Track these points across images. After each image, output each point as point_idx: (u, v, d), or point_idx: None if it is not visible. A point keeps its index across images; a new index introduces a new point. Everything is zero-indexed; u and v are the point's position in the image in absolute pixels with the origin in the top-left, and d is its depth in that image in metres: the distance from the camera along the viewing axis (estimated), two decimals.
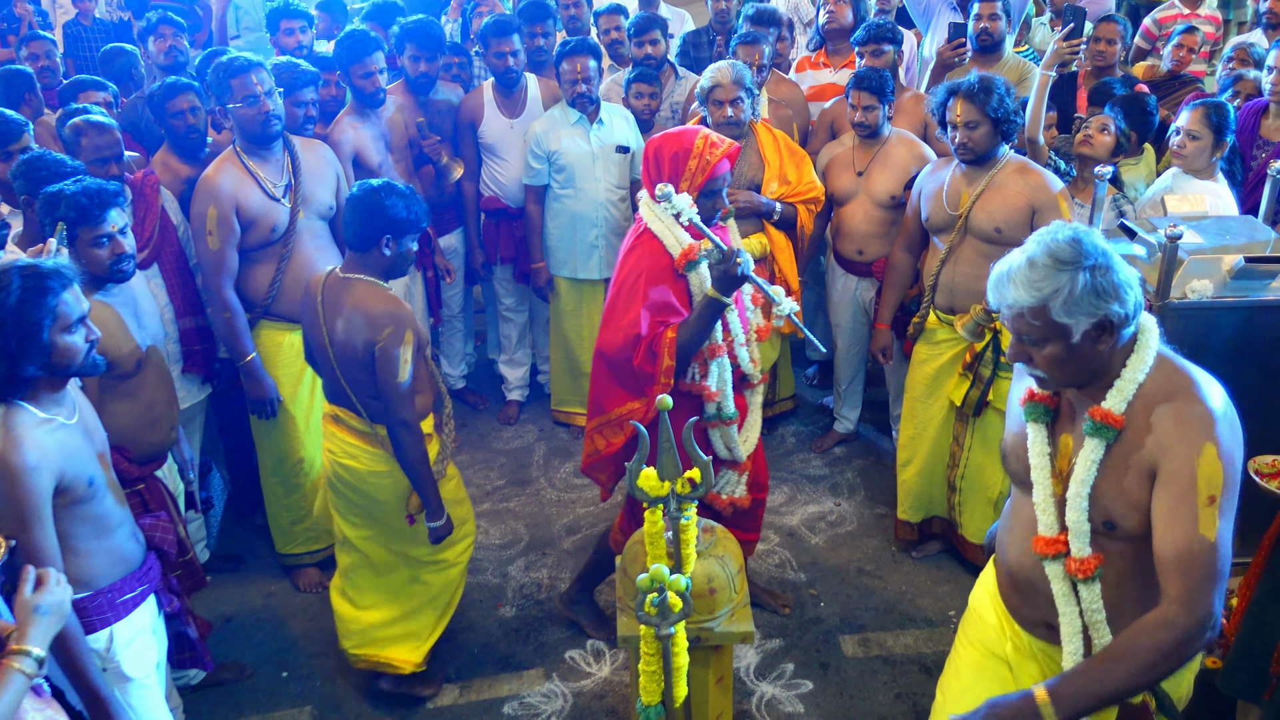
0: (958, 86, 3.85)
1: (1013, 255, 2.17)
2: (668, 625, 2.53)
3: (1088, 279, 2.07)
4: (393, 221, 3.24)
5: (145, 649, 2.91)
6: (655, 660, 2.66)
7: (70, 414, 2.69)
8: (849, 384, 5.19)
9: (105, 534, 2.78)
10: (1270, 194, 3.80)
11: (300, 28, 5.55)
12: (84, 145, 3.80)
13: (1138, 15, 9.74)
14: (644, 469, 2.81)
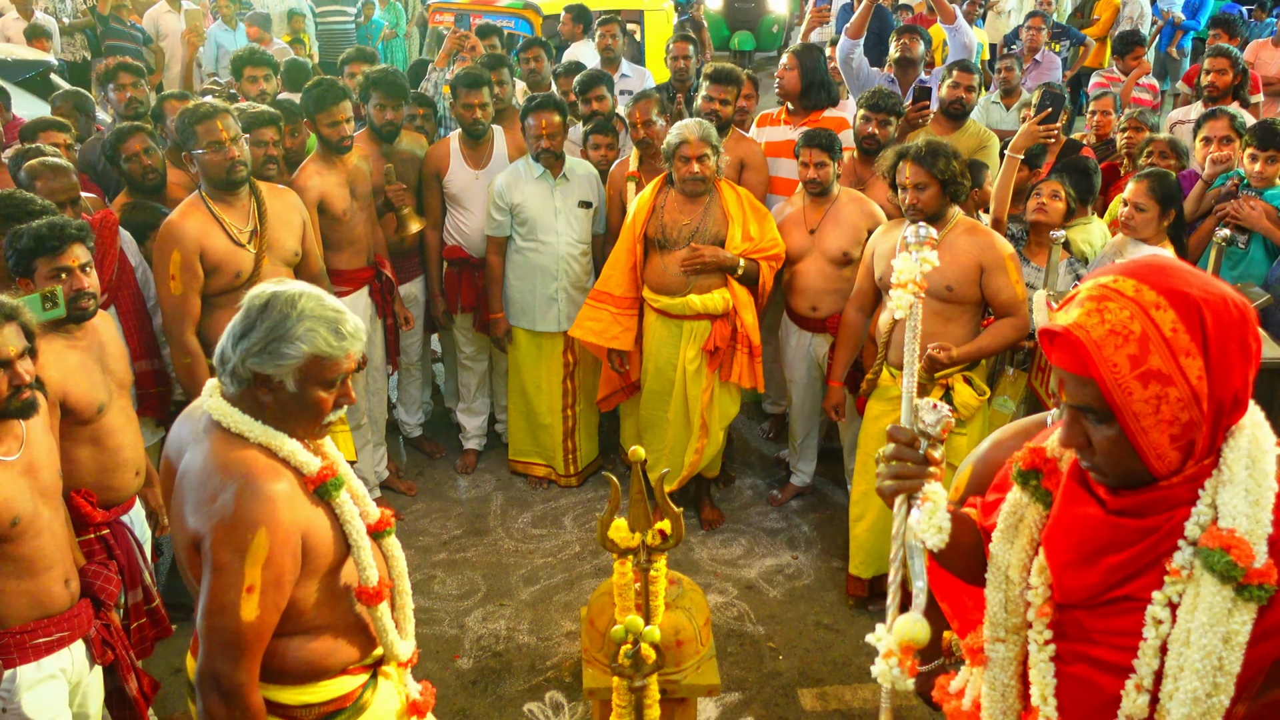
0: (906, 151, 3.97)
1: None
2: (641, 677, 2.54)
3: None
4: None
5: (52, 695, 2.82)
6: (628, 713, 2.67)
7: (12, 450, 2.65)
8: (804, 438, 5.25)
9: (28, 575, 2.70)
10: (1215, 259, 3.94)
11: (264, 75, 5.56)
12: (39, 188, 3.78)
13: (1088, 77, 10.12)
14: (615, 520, 2.83)
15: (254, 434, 2.18)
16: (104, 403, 3.17)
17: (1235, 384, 1.58)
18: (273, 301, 2.15)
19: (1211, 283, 1.62)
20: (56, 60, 8.58)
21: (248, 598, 2.08)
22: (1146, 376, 1.54)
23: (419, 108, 5.59)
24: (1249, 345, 1.59)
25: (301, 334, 2.13)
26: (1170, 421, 1.56)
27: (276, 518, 2.10)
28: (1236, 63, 5.94)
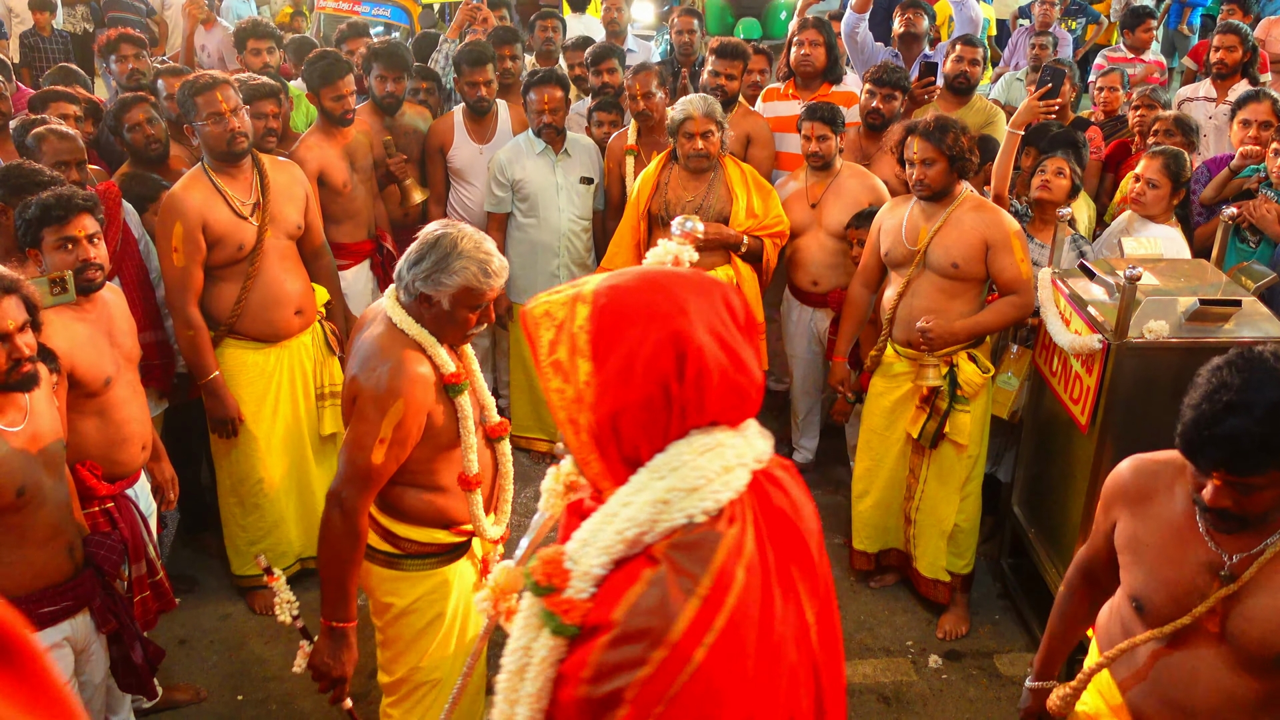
0: (915, 126, 3.95)
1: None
2: None
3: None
4: None
5: (57, 664, 2.83)
6: None
7: (16, 421, 2.66)
8: (806, 414, 5.25)
9: (32, 545, 2.73)
10: (1221, 239, 3.92)
11: (268, 49, 5.54)
12: (45, 151, 3.78)
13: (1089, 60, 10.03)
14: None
15: (412, 333, 2.75)
16: (111, 375, 3.18)
17: (615, 409, 1.42)
18: (441, 239, 2.67)
19: (680, 305, 1.44)
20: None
21: (379, 446, 2.69)
22: (556, 366, 1.46)
23: (423, 81, 5.56)
24: (669, 388, 1.41)
25: (458, 269, 2.64)
26: (570, 420, 1.47)
27: (413, 395, 2.68)
28: (1246, 39, 5.89)
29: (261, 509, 4.24)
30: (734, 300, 1.50)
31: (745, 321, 1.50)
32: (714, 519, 1.40)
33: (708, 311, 1.44)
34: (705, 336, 1.41)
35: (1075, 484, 3.76)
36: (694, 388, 1.41)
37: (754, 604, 1.37)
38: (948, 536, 4.21)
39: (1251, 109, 4.74)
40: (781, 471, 1.58)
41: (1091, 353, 3.55)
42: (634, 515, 1.39)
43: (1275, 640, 2.08)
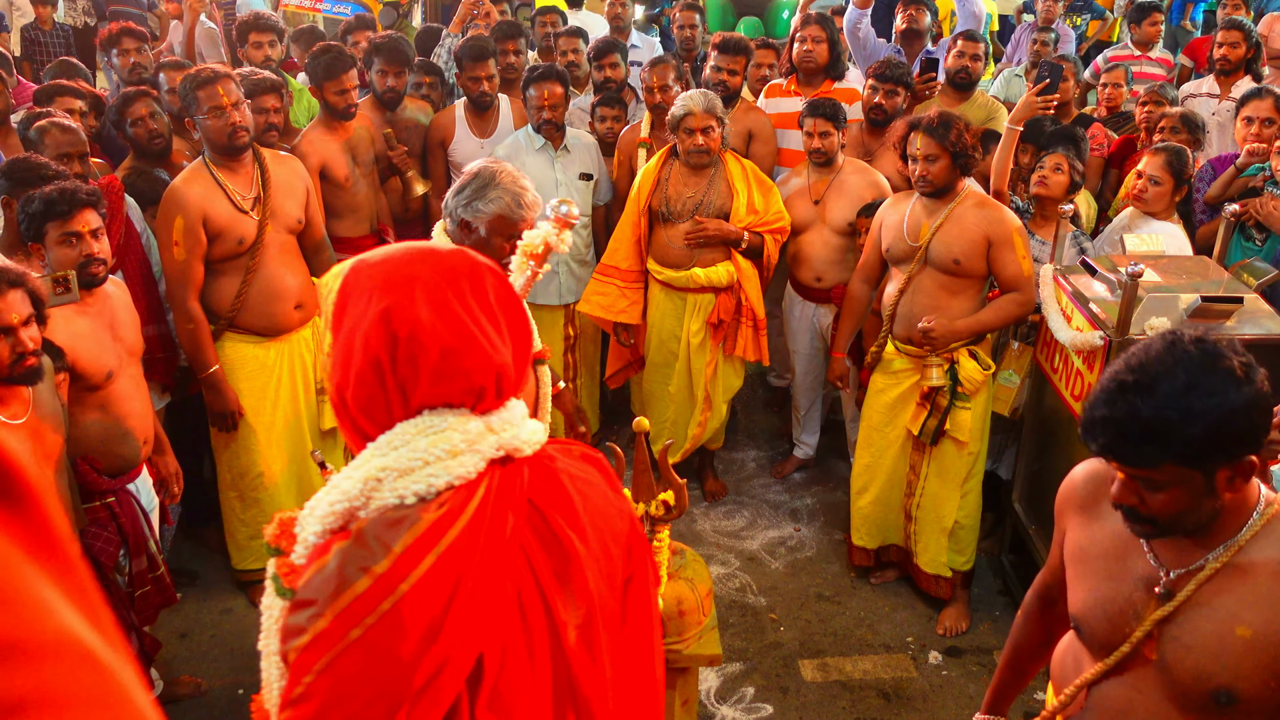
0: (918, 121, 3.94)
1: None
2: None
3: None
4: None
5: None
6: None
7: (19, 414, 2.66)
8: (808, 410, 5.25)
9: None
10: (1224, 235, 3.92)
11: (269, 41, 5.53)
12: (47, 143, 3.78)
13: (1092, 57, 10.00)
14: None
15: None
16: (113, 369, 3.18)
17: (341, 384, 1.43)
18: (482, 171, 2.94)
19: (407, 282, 1.41)
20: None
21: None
22: (321, 337, 1.49)
23: (426, 76, 5.55)
24: (381, 365, 1.39)
25: (494, 198, 2.90)
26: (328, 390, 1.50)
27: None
28: (1250, 35, 5.88)
29: (261, 503, 4.24)
30: (491, 281, 1.45)
31: (502, 304, 1.46)
32: (426, 502, 1.38)
33: (445, 290, 1.40)
34: (428, 315, 1.38)
35: None
36: (409, 366, 1.39)
37: (439, 592, 1.34)
38: (948, 533, 4.21)
39: (1254, 106, 4.73)
40: (572, 462, 1.56)
41: (1093, 349, 3.55)
42: (348, 490, 1.39)
43: (1212, 672, 1.79)
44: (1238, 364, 1.69)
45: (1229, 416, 1.67)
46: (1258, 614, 1.75)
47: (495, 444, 1.44)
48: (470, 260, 1.46)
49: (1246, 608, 1.76)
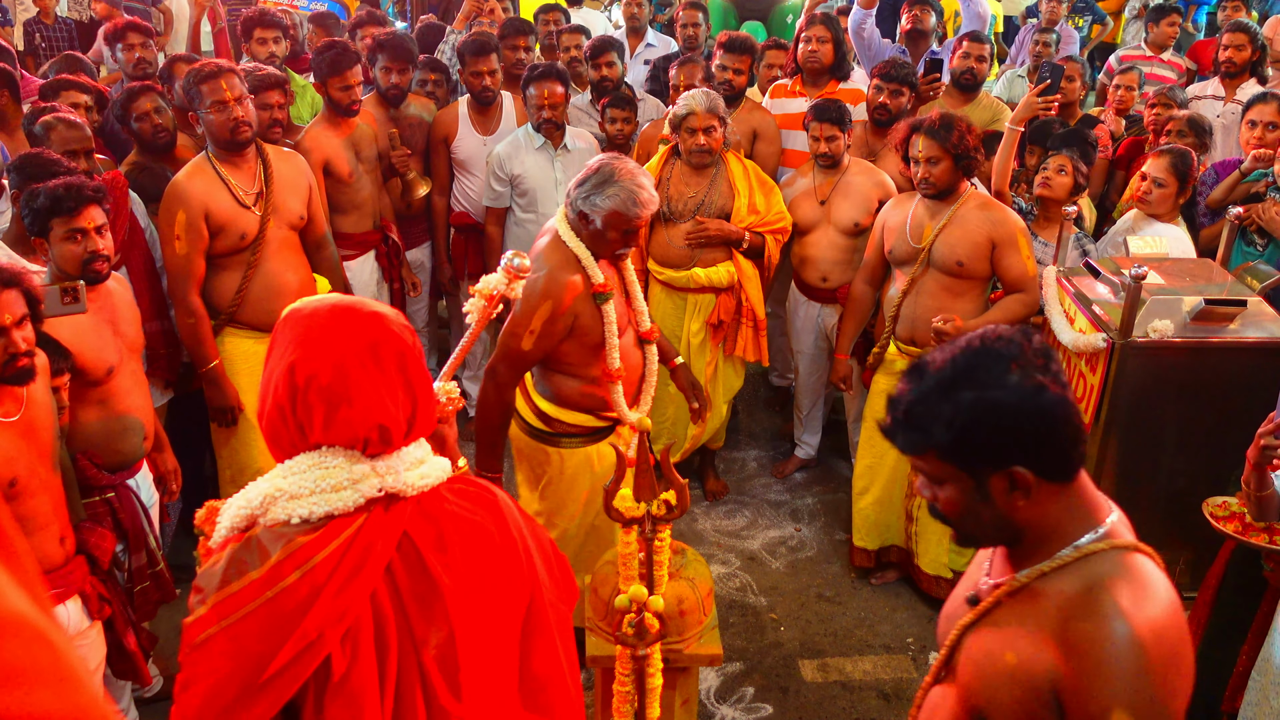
0: (920, 123, 3.94)
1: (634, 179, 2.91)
2: (644, 646, 2.54)
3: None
4: None
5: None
6: (630, 681, 2.68)
7: (11, 411, 2.66)
8: (810, 410, 5.24)
9: (24, 535, 2.70)
10: (1227, 239, 3.91)
11: (274, 38, 5.53)
12: (53, 139, 3.78)
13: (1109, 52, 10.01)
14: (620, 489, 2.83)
15: (571, 245, 3.31)
16: (114, 365, 3.17)
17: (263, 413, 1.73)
18: (603, 168, 3.22)
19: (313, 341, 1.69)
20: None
21: (528, 336, 3.28)
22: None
23: (431, 73, 5.55)
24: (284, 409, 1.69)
25: (611, 194, 3.18)
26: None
27: (561, 298, 3.26)
28: (1255, 38, 5.87)
29: None
30: (396, 348, 1.69)
31: (404, 367, 1.69)
32: (308, 524, 1.64)
33: (347, 353, 1.66)
34: (326, 373, 1.65)
35: None
36: (305, 412, 1.66)
37: (298, 602, 1.59)
38: (949, 535, 4.20)
39: (1259, 110, 4.73)
40: (464, 504, 1.78)
41: (1096, 351, 3.55)
42: (250, 499, 1.65)
43: (975, 690, 1.70)
44: (1027, 368, 1.57)
45: (985, 415, 1.57)
46: (1027, 645, 1.63)
47: (377, 485, 1.68)
48: (382, 328, 1.69)
49: (1021, 636, 1.65)
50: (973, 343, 1.62)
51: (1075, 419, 1.59)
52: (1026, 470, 1.57)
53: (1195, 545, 3.68)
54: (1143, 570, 1.62)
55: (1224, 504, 2.99)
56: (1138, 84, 5.91)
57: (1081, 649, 1.53)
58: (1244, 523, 2.87)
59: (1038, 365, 1.58)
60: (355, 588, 1.62)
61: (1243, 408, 2.88)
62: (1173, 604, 1.57)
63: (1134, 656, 1.50)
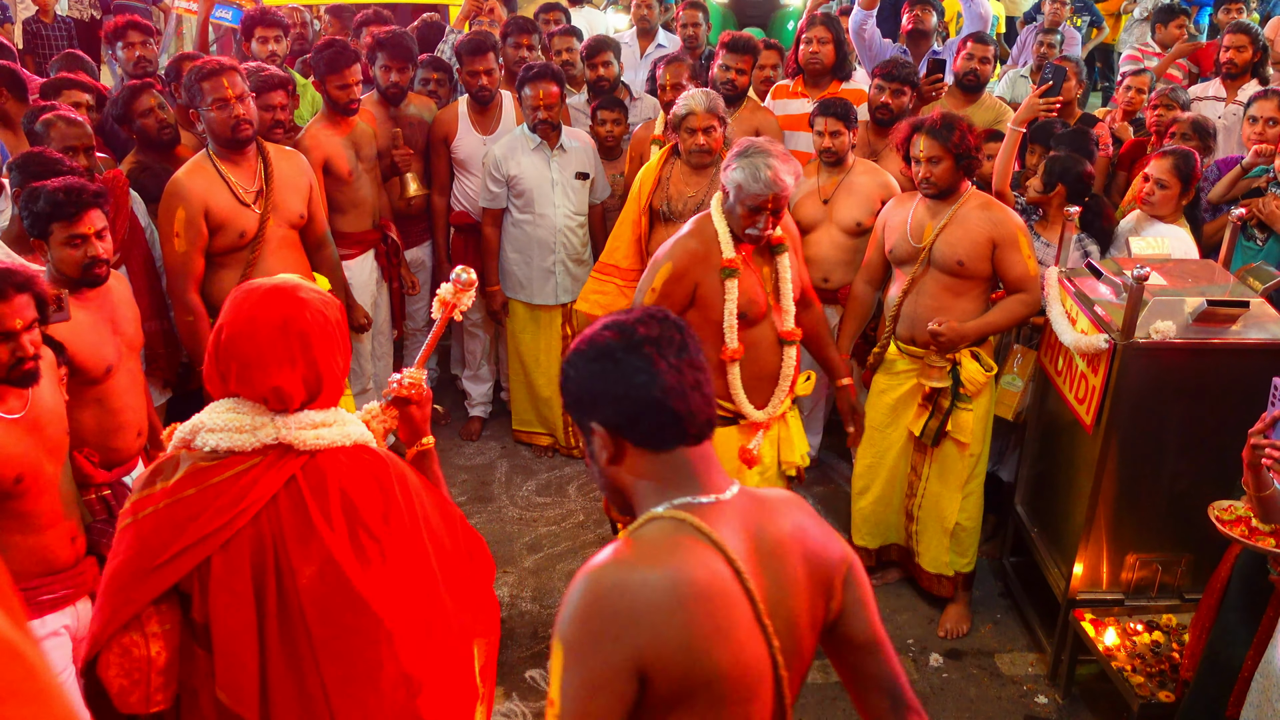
0: (920, 123, 3.93)
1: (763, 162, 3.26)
2: None
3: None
4: None
5: (56, 651, 2.83)
6: None
7: (16, 409, 2.66)
8: (811, 410, 5.23)
9: (32, 532, 2.73)
10: (1229, 239, 3.90)
11: (275, 37, 5.52)
12: (53, 136, 3.77)
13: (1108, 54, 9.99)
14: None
15: (715, 217, 3.49)
16: (112, 364, 3.16)
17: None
18: (743, 143, 3.37)
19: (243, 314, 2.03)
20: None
21: (650, 294, 3.48)
22: None
23: (434, 72, 5.54)
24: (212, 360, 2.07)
25: (739, 166, 3.32)
26: None
27: (681, 262, 3.44)
28: (1256, 39, 5.86)
29: None
30: (299, 325, 2.01)
31: (306, 342, 2.02)
32: (212, 453, 2.02)
33: (261, 325, 2.00)
34: (241, 339, 2.00)
35: (1079, 484, 3.75)
36: (223, 366, 2.03)
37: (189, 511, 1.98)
38: (950, 534, 4.19)
39: (1260, 106, 4.74)
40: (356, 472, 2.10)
41: (1097, 352, 3.54)
42: (184, 427, 2.07)
43: None
44: (642, 347, 1.63)
45: (575, 375, 1.68)
46: None
47: (273, 435, 2.03)
48: (297, 309, 2.02)
49: None
50: (618, 318, 1.68)
51: (670, 398, 1.61)
52: (603, 429, 1.64)
53: (1197, 547, 3.67)
54: (669, 538, 1.59)
55: (1230, 507, 2.98)
56: (1149, 87, 5.87)
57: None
58: (1250, 526, 2.85)
59: (663, 349, 1.63)
60: (236, 510, 1.97)
61: (1244, 409, 2.87)
62: (674, 576, 1.53)
63: (581, 599, 1.54)
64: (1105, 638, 3.66)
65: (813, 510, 1.81)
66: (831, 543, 1.75)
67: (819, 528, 1.75)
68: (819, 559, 1.70)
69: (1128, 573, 3.77)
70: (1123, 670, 3.53)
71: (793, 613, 1.65)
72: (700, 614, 1.52)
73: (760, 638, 1.59)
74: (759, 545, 1.64)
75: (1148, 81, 5.90)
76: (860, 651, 1.78)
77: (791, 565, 1.66)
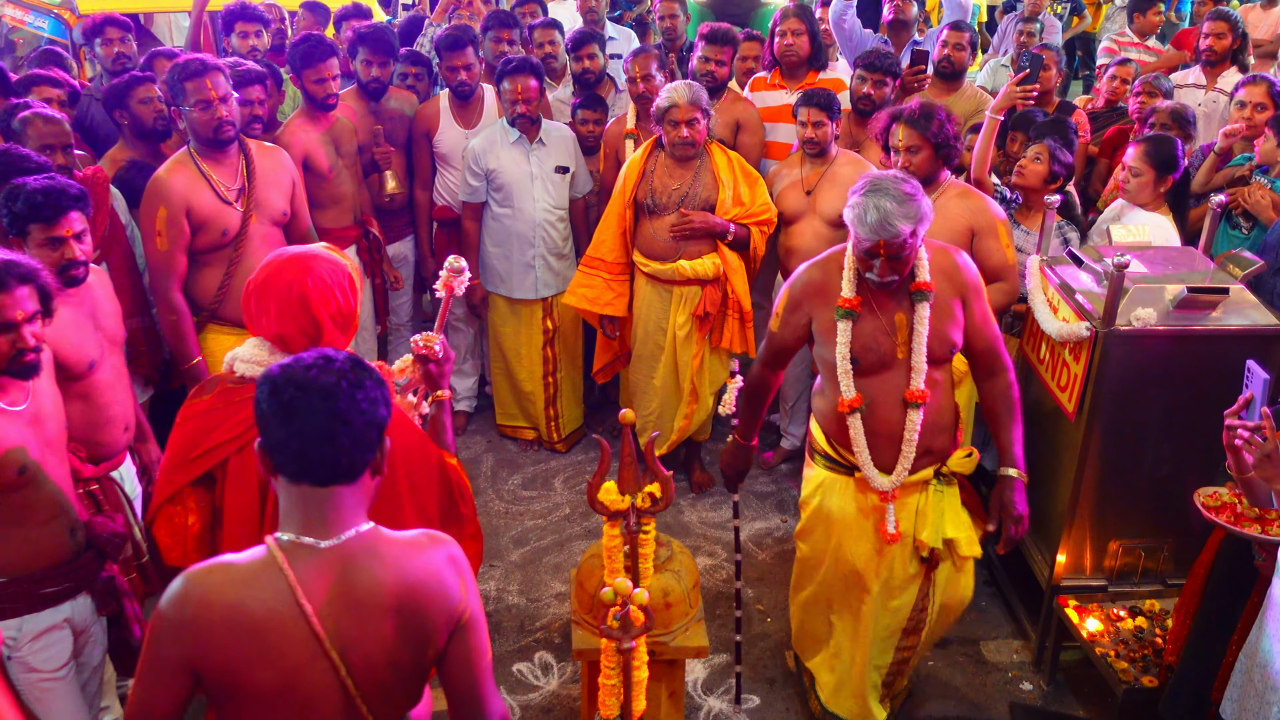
0: (899, 113, 3.94)
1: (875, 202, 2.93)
2: (630, 639, 2.54)
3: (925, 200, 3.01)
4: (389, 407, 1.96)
5: (58, 645, 2.86)
6: (615, 674, 2.67)
7: (18, 401, 2.67)
8: (795, 400, 5.24)
9: (33, 524, 2.74)
10: (1210, 226, 3.92)
11: (255, 31, 5.49)
12: (30, 134, 3.75)
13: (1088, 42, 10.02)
14: (604, 483, 2.83)
15: (848, 247, 3.16)
16: (95, 359, 3.15)
17: None
18: (865, 179, 3.06)
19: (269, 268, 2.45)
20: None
21: (775, 317, 3.33)
22: None
23: (412, 66, 5.52)
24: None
25: (850, 204, 3.03)
26: None
27: (798, 292, 3.26)
28: (1236, 26, 5.88)
29: None
30: (300, 288, 2.38)
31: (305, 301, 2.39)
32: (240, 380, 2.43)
33: (272, 281, 2.40)
34: (259, 292, 2.42)
35: (1062, 471, 3.76)
36: (250, 310, 2.45)
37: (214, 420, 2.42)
38: None
39: (1249, 91, 4.79)
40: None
41: (1079, 340, 3.55)
42: (228, 355, 2.49)
43: None
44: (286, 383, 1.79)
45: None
46: None
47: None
48: (300, 274, 2.41)
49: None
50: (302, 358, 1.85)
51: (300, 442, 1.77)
52: (261, 449, 1.83)
53: (1179, 533, 3.70)
54: (255, 567, 1.81)
55: (1215, 494, 3.00)
56: (1132, 77, 5.88)
57: None
58: (1235, 512, 2.87)
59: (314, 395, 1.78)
60: (247, 426, 2.34)
61: (1225, 395, 2.87)
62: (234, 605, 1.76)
63: (168, 592, 1.81)
64: (1089, 624, 3.68)
65: (448, 561, 1.94)
66: (446, 600, 1.88)
67: (440, 585, 1.88)
68: (417, 611, 1.85)
69: (1111, 559, 3.79)
70: (1106, 656, 3.55)
71: (371, 651, 1.83)
72: (246, 642, 1.76)
73: (325, 665, 1.80)
74: (347, 590, 1.81)
75: (1131, 72, 5.92)
76: (454, 699, 1.98)
77: (377, 612, 1.83)
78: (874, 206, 2.93)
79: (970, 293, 3.21)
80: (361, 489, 1.86)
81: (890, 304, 3.15)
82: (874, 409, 3.17)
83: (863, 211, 2.95)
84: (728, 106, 5.03)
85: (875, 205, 2.93)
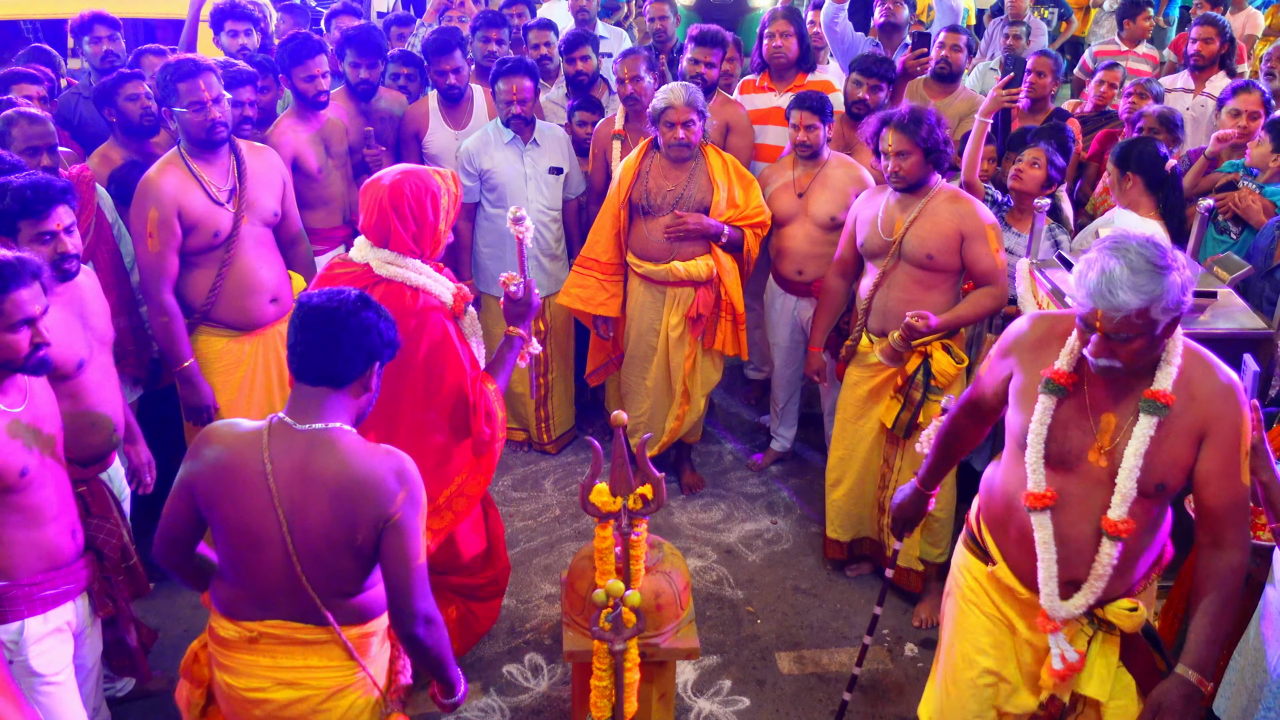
0: (889, 117, 3.95)
1: (1104, 260, 2.31)
2: (621, 640, 2.54)
3: (1179, 281, 2.30)
4: (387, 343, 2.43)
5: (59, 647, 2.85)
6: (607, 675, 2.68)
7: (17, 402, 2.67)
8: (785, 403, 5.25)
9: (34, 526, 2.73)
10: (1197, 230, 3.94)
11: (245, 30, 5.48)
12: (14, 135, 3.73)
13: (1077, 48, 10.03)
14: (596, 484, 2.83)
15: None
16: (84, 359, 3.14)
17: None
18: (1106, 238, 2.56)
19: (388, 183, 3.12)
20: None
21: (984, 360, 2.86)
22: None
23: (404, 66, 5.51)
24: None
25: (1080, 259, 2.50)
26: None
27: (1008, 339, 2.73)
28: (1224, 31, 5.91)
29: None
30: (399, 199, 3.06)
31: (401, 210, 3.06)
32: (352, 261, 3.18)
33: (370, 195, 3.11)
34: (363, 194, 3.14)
35: None
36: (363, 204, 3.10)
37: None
38: (923, 526, 4.22)
39: (1242, 99, 4.78)
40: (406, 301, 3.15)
41: None
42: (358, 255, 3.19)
43: None
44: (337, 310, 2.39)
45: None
46: None
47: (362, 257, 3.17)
48: (386, 191, 3.08)
49: None
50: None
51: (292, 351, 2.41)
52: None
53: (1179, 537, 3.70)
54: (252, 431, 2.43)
55: None
56: (1120, 81, 5.91)
57: None
58: None
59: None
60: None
61: None
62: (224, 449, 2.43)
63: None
64: None
65: (393, 472, 2.37)
66: (377, 499, 2.33)
67: (375, 486, 2.33)
68: (349, 500, 2.33)
69: None
70: None
71: (310, 524, 2.35)
72: (224, 477, 2.38)
73: (274, 518, 2.34)
74: (302, 466, 2.35)
75: (1119, 76, 5.94)
76: (389, 594, 2.43)
77: (318, 490, 2.34)
78: (1101, 267, 2.33)
79: (1219, 428, 2.44)
80: (347, 395, 2.39)
81: (1105, 398, 2.52)
82: (1064, 515, 2.57)
83: (1087, 269, 2.37)
84: (717, 109, 5.03)
85: (1103, 266, 2.33)
